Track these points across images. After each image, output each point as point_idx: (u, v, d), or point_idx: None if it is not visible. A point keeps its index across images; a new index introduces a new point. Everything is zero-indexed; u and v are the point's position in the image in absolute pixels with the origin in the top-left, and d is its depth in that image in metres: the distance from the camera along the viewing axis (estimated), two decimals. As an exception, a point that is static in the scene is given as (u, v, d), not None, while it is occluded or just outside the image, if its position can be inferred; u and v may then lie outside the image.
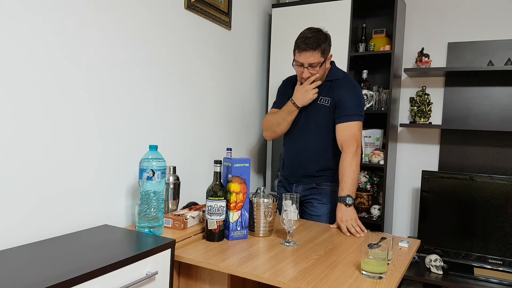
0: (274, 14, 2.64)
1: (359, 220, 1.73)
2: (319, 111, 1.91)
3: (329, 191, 1.98)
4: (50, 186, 1.32)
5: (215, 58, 2.19)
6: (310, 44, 1.76)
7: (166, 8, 1.80)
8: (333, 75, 1.92)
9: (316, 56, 1.77)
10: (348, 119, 1.84)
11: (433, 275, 2.40)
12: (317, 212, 1.96)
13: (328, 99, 1.89)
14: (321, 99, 1.91)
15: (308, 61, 1.78)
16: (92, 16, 1.44)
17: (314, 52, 1.77)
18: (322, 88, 1.92)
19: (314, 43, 1.76)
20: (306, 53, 1.77)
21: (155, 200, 1.42)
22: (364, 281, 1.16)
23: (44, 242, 1.22)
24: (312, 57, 1.77)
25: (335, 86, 1.90)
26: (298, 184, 2.03)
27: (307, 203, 2.02)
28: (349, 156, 1.80)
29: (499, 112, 2.54)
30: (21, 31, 1.21)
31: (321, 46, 1.77)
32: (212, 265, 1.26)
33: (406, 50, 2.77)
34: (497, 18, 2.54)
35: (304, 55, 1.78)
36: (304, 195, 2.01)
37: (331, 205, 1.97)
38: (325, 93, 1.91)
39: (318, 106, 1.92)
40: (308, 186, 2.00)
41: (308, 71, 1.82)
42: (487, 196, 2.41)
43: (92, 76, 1.46)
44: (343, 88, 1.88)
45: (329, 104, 1.89)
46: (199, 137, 2.09)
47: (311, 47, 1.76)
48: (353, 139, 1.82)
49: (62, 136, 1.36)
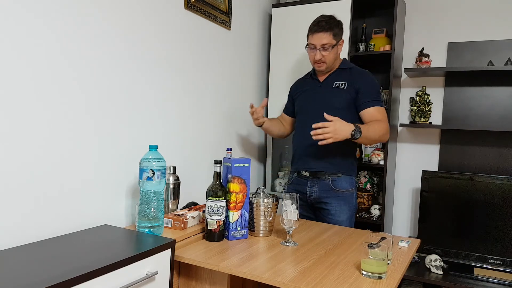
0: (274, 14, 2.64)
1: (336, 137, 1.66)
2: (335, 94, 1.91)
3: (348, 194, 1.91)
4: (50, 186, 1.32)
5: (215, 58, 2.19)
6: (322, 26, 1.85)
7: (166, 8, 1.80)
8: (346, 65, 1.98)
9: (328, 37, 1.85)
10: (377, 104, 1.86)
11: (433, 275, 2.40)
12: (337, 220, 1.89)
13: (345, 83, 1.91)
14: (337, 83, 1.93)
15: (321, 42, 1.85)
16: (92, 16, 1.44)
17: (326, 33, 1.84)
18: (336, 75, 1.95)
19: (327, 25, 1.85)
20: (319, 34, 1.85)
21: (155, 200, 1.42)
22: (364, 281, 1.16)
23: (44, 242, 1.22)
24: (325, 39, 1.84)
25: (351, 73, 1.93)
26: (313, 181, 1.94)
27: (324, 209, 1.93)
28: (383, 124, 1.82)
29: (499, 112, 2.54)
30: (19, 31, 1.21)
31: (333, 29, 1.86)
32: (212, 265, 1.26)
33: (406, 50, 2.77)
34: (497, 18, 2.54)
35: (317, 37, 1.86)
36: (319, 197, 1.93)
37: (350, 209, 1.92)
38: (340, 79, 1.93)
39: (334, 89, 1.92)
40: (324, 186, 1.92)
41: (321, 52, 1.86)
42: (487, 196, 2.41)
43: (92, 76, 1.46)
44: (362, 74, 1.93)
45: (347, 88, 1.90)
46: (199, 137, 2.09)
47: (324, 28, 1.85)
48: (387, 122, 1.85)
49: (62, 136, 1.36)
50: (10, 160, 1.21)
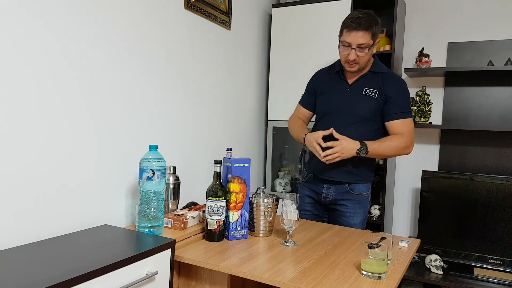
0: (274, 14, 2.64)
1: (343, 156, 1.69)
2: (364, 102, 1.79)
3: (364, 198, 1.87)
4: (50, 186, 1.32)
5: (215, 58, 2.19)
6: (362, 24, 1.67)
7: (166, 8, 1.80)
8: (377, 68, 1.83)
9: (367, 37, 1.69)
10: (404, 116, 1.76)
11: (433, 275, 2.40)
12: (350, 222, 1.86)
13: (376, 91, 1.78)
14: (367, 90, 1.79)
15: (358, 41, 1.69)
16: (92, 15, 1.44)
17: (366, 32, 1.68)
18: (366, 80, 1.82)
19: (366, 23, 1.68)
20: (357, 32, 1.68)
21: (155, 200, 1.42)
22: (364, 281, 1.16)
23: (44, 242, 1.22)
24: (362, 38, 1.68)
25: (384, 80, 1.80)
26: (330, 185, 1.87)
27: (338, 210, 1.88)
28: (402, 138, 1.74)
29: (499, 112, 2.54)
30: (18, 31, 1.21)
31: (373, 28, 1.69)
32: (212, 265, 1.26)
33: (406, 50, 2.77)
34: (497, 18, 2.54)
35: (355, 35, 1.69)
36: (336, 199, 1.87)
37: (365, 212, 1.89)
38: (371, 85, 1.80)
39: (363, 96, 1.79)
40: (341, 189, 1.85)
41: (356, 52, 1.71)
42: (487, 196, 2.41)
43: (92, 76, 1.46)
44: (394, 82, 1.80)
45: (377, 97, 1.78)
46: (199, 137, 2.09)
47: (363, 27, 1.67)
48: (411, 135, 1.77)
49: (62, 136, 1.36)
50: (10, 160, 1.20)
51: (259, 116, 2.70)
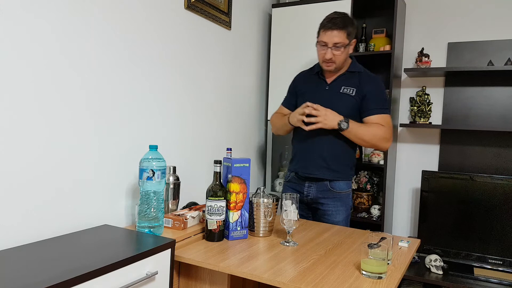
0: (274, 14, 2.64)
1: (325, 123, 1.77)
2: (342, 100, 1.86)
3: (344, 195, 1.92)
4: (50, 186, 1.32)
5: (215, 58, 2.19)
6: (337, 24, 1.77)
7: (166, 8, 1.80)
8: (355, 68, 1.91)
9: (342, 36, 1.77)
10: (381, 112, 1.83)
11: (433, 275, 2.40)
12: (333, 220, 1.89)
13: (353, 89, 1.86)
14: (345, 88, 1.87)
15: (333, 40, 1.77)
16: (92, 15, 1.44)
17: (340, 32, 1.77)
18: (344, 79, 1.89)
19: (341, 23, 1.77)
20: (332, 32, 1.77)
21: (155, 200, 1.42)
22: (364, 281, 1.16)
23: (44, 242, 1.22)
24: (338, 37, 1.77)
25: (360, 78, 1.87)
26: (311, 183, 1.93)
27: (320, 209, 1.93)
28: (382, 129, 1.80)
29: (499, 112, 2.54)
30: (19, 31, 1.21)
31: (348, 28, 1.78)
32: (212, 265, 1.26)
33: (406, 50, 2.77)
34: (497, 18, 2.54)
35: (330, 34, 1.78)
36: (317, 197, 1.92)
37: (347, 210, 1.93)
38: (349, 84, 1.87)
39: (341, 94, 1.86)
40: (322, 187, 1.91)
41: (332, 51, 1.79)
42: (487, 196, 2.41)
43: (92, 76, 1.46)
44: (371, 80, 1.87)
45: (354, 94, 1.85)
46: (199, 137, 2.09)
47: (338, 26, 1.77)
48: (390, 129, 1.84)
49: (62, 136, 1.36)
50: (10, 160, 1.20)
51: (259, 116, 2.70)
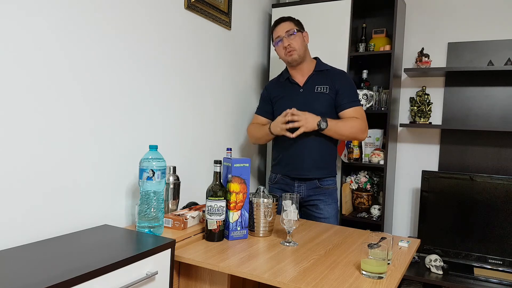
0: (274, 14, 2.64)
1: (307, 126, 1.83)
2: (318, 99, 1.95)
3: (333, 190, 2.01)
4: (49, 186, 1.32)
5: (215, 58, 2.19)
6: (283, 18, 1.98)
7: (166, 8, 1.80)
8: (321, 66, 2.02)
9: (290, 24, 1.95)
10: (354, 104, 1.94)
11: (433, 275, 2.40)
12: (325, 214, 1.96)
13: (327, 86, 1.96)
14: (318, 88, 1.97)
15: (284, 29, 1.94)
16: (92, 15, 1.44)
17: (287, 22, 1.96)
18: (315, 79, 1.99)
19: (286, 17, 1.99)
20: (280, 24, 1.96)
21: (155, 200, 1.42)
22: (364, 281, 1.16)
23: (44, 242, 1.22)
24: (287, 25, 1.95)
25: (330, 75, 1.98)
26: (301, 182, 1.99)
27: (311, 206, 2.00)
28: (358, 121, 1.90)
29: (499, 112, 2.54)
30: (17, 29, 1.21)
31: (293, 19, 1.98)
32: (212, 265, 1.26)
33: (406, 50, 2.77)
34: (497, 18, 2.54)
35: (280, 27, 1.96)
36: (308, 195, 1.99)
37: (336, 205, 2.01)
38: (321, 82, 1.97)
39: (317, 94, 1.96)
40: (311, 185, 1.98)
41: (287, 39, 1.93)
42: (487, 196, 2.41)
43: (91, 76, 1.46)
44: (341, 76, 1.99)
45: (328, 92, 1.95)
46: (199, 137, 2.09)
47: (283, 19, 1.98)
48: (364, 120, 1.94)
49: (62, 136, 1.36)
50: (10, 160, 1.20)
51: (259, 116, 2.70)
